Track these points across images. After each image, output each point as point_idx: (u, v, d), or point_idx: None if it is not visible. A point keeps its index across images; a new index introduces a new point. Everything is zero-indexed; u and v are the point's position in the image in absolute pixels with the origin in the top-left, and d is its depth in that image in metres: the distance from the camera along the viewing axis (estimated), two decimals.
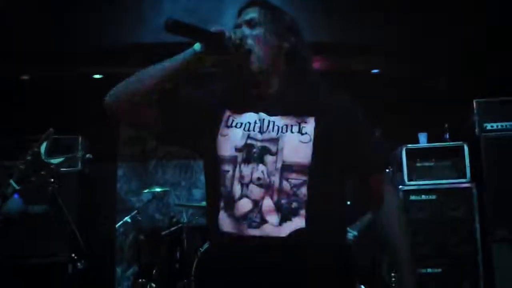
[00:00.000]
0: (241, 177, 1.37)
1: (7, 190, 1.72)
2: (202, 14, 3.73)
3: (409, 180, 3.94)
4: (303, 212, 1.35)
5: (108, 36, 3.96)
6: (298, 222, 1.34)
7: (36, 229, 3.69)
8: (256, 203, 1.35)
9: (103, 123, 4.32)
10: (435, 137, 4.12)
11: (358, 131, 1.47)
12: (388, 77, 4.64)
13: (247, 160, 1.38)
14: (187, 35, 1.33)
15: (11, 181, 1.71)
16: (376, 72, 4.66)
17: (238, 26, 1.46)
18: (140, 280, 4.34)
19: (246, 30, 1.43)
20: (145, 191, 4.56)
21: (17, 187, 1.71)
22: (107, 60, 4.17)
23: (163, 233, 4.38)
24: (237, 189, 1.37)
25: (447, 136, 4.09)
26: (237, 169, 1.38)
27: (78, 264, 3.37)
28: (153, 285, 4.25)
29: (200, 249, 3.92)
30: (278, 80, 1.47)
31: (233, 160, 1.39)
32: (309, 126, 1.39)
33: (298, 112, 1.41)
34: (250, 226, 1.35)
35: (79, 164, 4.06)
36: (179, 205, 4.76)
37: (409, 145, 4.02)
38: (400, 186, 3.92)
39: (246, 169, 1.37)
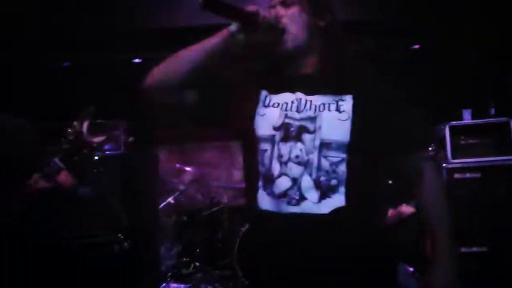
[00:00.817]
0: (280, 156, 1.38)
1: (52, 169, 1.77)
2: None
3: (453, 158, 3.85)
4: (342, 189, 1.35)
5: (146, 21, 4.00)
6: (338, 200, 1.35)
7: (82, 211, 3.82)
8: (295, 181, 1.36)
9: (143, 106, 4.44)
10: (480, 113, 3.99)
11: (396, 107, 1.45)
12: (429, 53, 4.50)
13: (285, 139, 1.39)
14: (222, 14, 1.34)
15: (56, 160, 1.75)
16: (416, 48, 4.53)
17: (272, 5, 1.45)
18: (184, 259, 4.45)
19: (281, 10, 1.43)
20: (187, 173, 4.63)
21: (62, 166, 1.75)
22: (146, 44, 4.22)
23: (204, 213, 4.46)
24: (276, 167, 1.38)
25: (493, 112, 3.96)
26: (275, 147, 1.39)
27: (124, 244, 3.47)
28: (197, 263, 4.35)
29: (242, 229, 3.97)
30: (313, 59, 1.46)
31: (271, 139, 1.41)
32: (347, 104, 1.38)
33: (335, 90, 1.40)
34: (289, 203, 1.36)
35: (122, 147, 4.16)
36: (219, 187, 4.83)
37: (453, 122, 3.92)
38: (444, 164, 3.83)
39: (284, 148, 1.38)
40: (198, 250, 4.42)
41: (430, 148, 1.62)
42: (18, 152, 1.92)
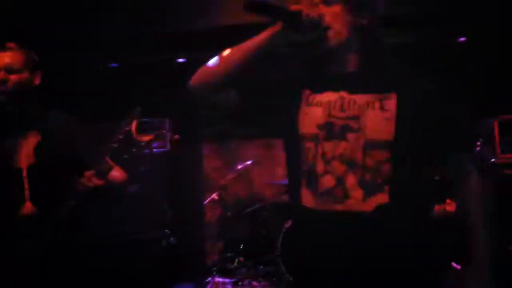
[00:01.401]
0: (324, 154, 1.39)
1: (103, 168, 1.83)
2: None
3: (502, 153, 3.74)
4: (387, 187, 1.34)
5: (189, 20, 4.06)
6: (382, 198, 1.34)
7: (129, 208, 3.93)
8: (340, 179, 1.37)
9: (188, 105, 4.52)
10: None
11: (441, 104, 1.44)
12: (476, 45, 4.37)
13: (329, 137, 1.39)
14: (265, 14, 1.35)
15: (106, 159, 1.82)
16: (462, 41, 4.40)
17: (315, 4, 1.45)
18: (228, 254, 4.51)
19: (324, 8, 1.43)
20: (230, 170, 4.69)
21: (111, 164, 1.82)
22: (189, 44, 4.29)
23: (248, 210, 4.51)
24: (319, 165, 1.39)
25: None
26: (319, 146, 1.40)
27: (171, 239, 3.55)
28: (241, 259, 4.41)
29: (285, 225, 3.99)
30: (356, 57, 1.46)
31: (314, 138, 1.41)
32: (391, 102, 1.38)
33: (378, 88, 1.40)
34: (334, 201, 1.37)
35: (168, 145, 4.26)
36: (262, 183, 4.86)
37: (502, 116, 3.80)
38: (493, 160, 3.73)
39: (328, 146, 1.39)
40: (242, 245, 4.47)
41: (478, 143, 1.59)
42: (71, 150, 2.00)
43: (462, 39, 4.38)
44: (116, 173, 1.99)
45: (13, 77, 1.93)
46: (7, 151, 1.95)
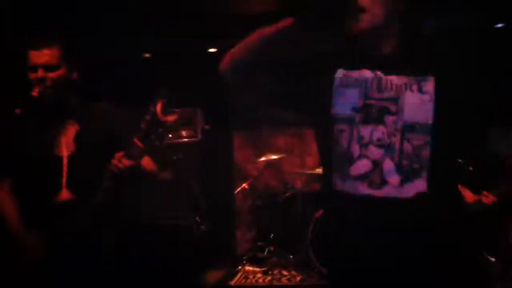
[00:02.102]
0: (360, 138, 1.36)
1: (133, 148, 1.86)
2: None
3: None
4: (425, 174, 1.31)
5: (218, 9, 4.06)
6: (420, 185, 1.32)
7: (164, 194, 3.99)
8: (376, 164, 1.34)
9: (219, 95, 4.54)
10: None
11: (477, 87, 1.40)
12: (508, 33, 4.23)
13: (366, 121, 1.36)
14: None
15: (135, 140, 1.85)
16: (501, 26, 4.27)
17: None
18: (259, 243, 4.54)
19: None
20: (261, 159, 4.70)
21: (141, 145, 1.85)
22: (219, 33, 4.30)
23: (279, 198, 4.51)
24: (355, 149, 1.36)
25: None
26: (355, 129, 1.37)
27: (202, 227, 3.59)
28: (271, 248, 4.42)
29: (316, 214, 3.98)
30: (393, 39, 1.42)
31: (349, 120, 1.38)
32: (429, 84, 1.34)
33: (416, 71, 1.36)
34: (370, 186, 1.34)
35: (199, 134, 4.30)
36: (293, 172, 4.85)
37: None
38: None
39: (365, 130, 1.36)
40: (272, 234, 4.49)
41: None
42: (108, 137, 2.06)
43: (500, 25, 4.25)
44: (146, 162, 2.03)
45: (51, 75, 1.99)
46: (49, 141, 2.03)
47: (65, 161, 2.01)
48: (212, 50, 4.70)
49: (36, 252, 1.95)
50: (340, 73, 1.44)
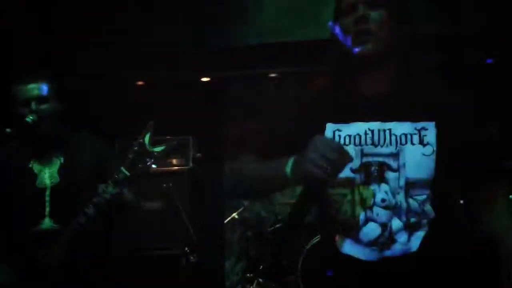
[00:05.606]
0: (363, 200, 1.28)
1: (119, 176, 1.91)
2: (307, 10, 3.67)
3: None
4: (428, 225, 1.28)
5: (213, 39, 4.08)
6: (421, 234, 1.28)
7: (151, 224, 3.93)
8: (385, 226, 1.27)
9: (210, 125, 4.52)
10: None
11: (476, 133, 1.34)
12: (504, 67, 4.29)
13: (367, 182, 1.28)
14: None
15: (122, 168, 1.91)
16: (490, 62, 4.33)
17: (353, 4, 1.31)
18: (248, 274, 4.46)
19: (366, 10, 1.29)
20: None
21: (127, 174, 1.90)
22: (212, 63, 4.31)
23: (269, 229, 4.46)
24: (360, 213, 1.28)
25: None
26: (356, 192, 1.29)
27: (191, 257, 3.53)
28: (260, 280, 4.35)
29: (306, 246, 3.94)
30: (392, 76, 1.34)
31: (350, 183, 1.29)
32: (430, 134, 1.27)
33: (416, 116, 1.28)
34: (381, 250, 1.28)
35: (190, 162, 4.27)
36: (283, 203, 4.81)
37: None
38: None
39: (367, 192, 1.28)
40: (262, 266, 4.42)
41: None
42: (94, 167, 2.09)
43: (489, 60, 4.31)
44: (127, 195, 2.06)
45: (43, 107, 2.07)
46: (34, 173, 2.11)
47: (48, 191, 2.07)
48: (205, 79, 4.71)
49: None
50: (329, 128, 1.34)
